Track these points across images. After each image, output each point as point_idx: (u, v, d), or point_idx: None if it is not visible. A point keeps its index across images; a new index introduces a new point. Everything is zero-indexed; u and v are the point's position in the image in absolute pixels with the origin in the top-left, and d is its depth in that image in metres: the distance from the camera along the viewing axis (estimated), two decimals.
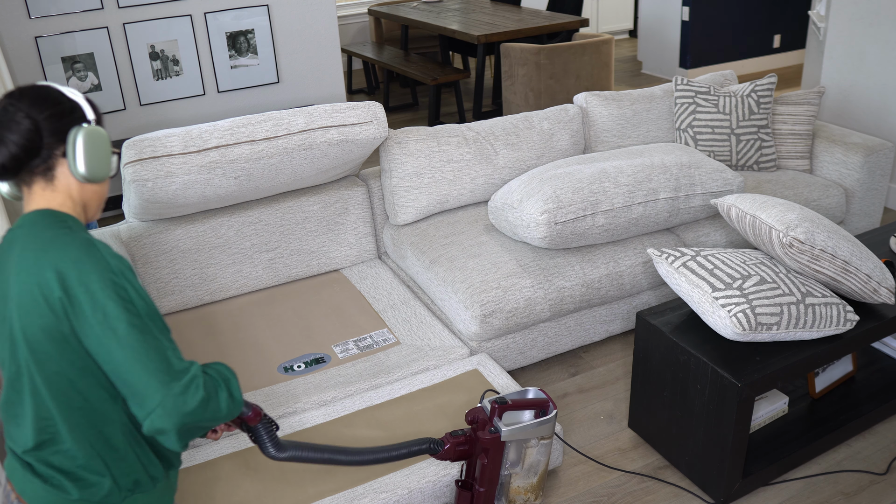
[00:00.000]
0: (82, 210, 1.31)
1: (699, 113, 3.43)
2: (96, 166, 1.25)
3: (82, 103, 1.28)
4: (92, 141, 1.24)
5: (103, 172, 1.27)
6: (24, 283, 1.19)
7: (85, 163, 1.24)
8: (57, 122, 1.24)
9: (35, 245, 1.20)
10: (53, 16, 4.10)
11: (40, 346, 1.20)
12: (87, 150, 1.24)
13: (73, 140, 1.24)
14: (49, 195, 1.27)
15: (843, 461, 2.47)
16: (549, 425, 1.98)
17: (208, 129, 2.54)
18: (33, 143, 1.21)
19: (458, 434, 1.93)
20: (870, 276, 2.30)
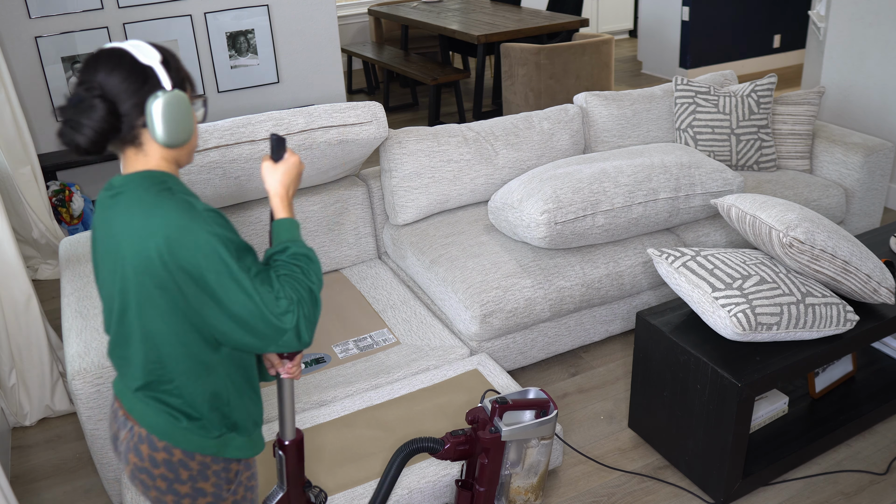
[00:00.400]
0: (175, 165, 1.38)
1: (699, 113, 3.43)
2: (176, 132, 1.30)
3: (157, 68, 1.30)
4: (168, 109, 1.28)
5: (185, 136, 1.32)
6: (136, 246, 1.27)
7: (164, 131, 1.28)
8: (132, 98, 1.27)
9: (141, 210, 1.27)
10: (53, 16, 4.10)
11: (151, 302, 1.29)
12: (164, 120, 1.28)
13: (149, 112, 1.27)
14: (143, 159, 1.33)
15: (843, 461, 2.47)
16: (550, 425, 1.98)
17: (208, 129, 2.54)
18: (111, 123, 1.27)
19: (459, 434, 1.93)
20: (870, 276, 2.31)
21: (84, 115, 1.25)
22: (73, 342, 2.12)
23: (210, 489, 1.40)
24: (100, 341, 2.11)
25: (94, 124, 1.25)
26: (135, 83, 1.28)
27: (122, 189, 1.32)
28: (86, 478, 2.52)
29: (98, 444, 2.12)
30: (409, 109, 6.38)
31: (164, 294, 1.28)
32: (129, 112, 1.28)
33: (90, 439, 2.12)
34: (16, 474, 2.56)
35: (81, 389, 2.02)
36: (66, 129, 1.27)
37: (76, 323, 2.21)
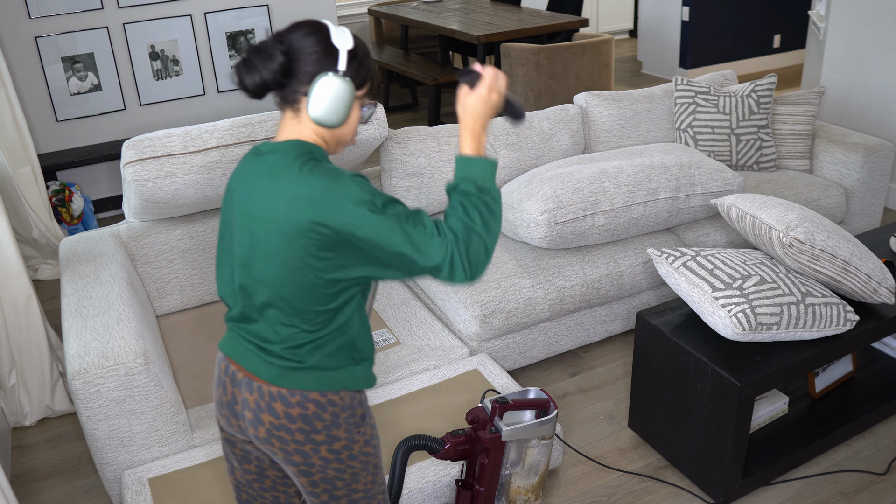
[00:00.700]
0: (324, 142, 1.45)
1: (699, 113, 3.43)
2: (327, 112, 1.38)
3: (342, 53, 1.38)
4: (330, 89, 1.36)
5: (333, 120, 1.39)
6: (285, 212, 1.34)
7: (317, 107, 1.37)
8: (307, 67, 1.37)
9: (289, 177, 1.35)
10: (53, 16, 4.10)
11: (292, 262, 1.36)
12: (322, 97, 1.37)
13: (314, 84, 1.37)
14: (297, 126, 1.43)
15: (843, 461, 2.47)
16: (550, 425, 1.98)
17: (208, 129, 2.54)
18: (278, 78, 1.37)
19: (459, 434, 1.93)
20: (870, 276, 2.30)
21: (261, 61, 1.36)
22: (73, 342, 2.12)
23: (343, 434, 1.46)
24: (100, 341, 2.11)
25: (265, 72, 1.36)
26: (318, 54, 1.37)
27: (270, 153, 1.41)
28: (86, 478, 2.52)
29: (98, 444, 2.12)
30: (409, 109, 6.38)
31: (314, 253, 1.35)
32: (301, 76, 1.37)
33: (90, 439, 2.12)
34: (16, 474, 2.56)
35: (81, 389, 2.02)
36: (241, 66, 1.38)
37: (76, 323, 2.21)
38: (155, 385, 2.11)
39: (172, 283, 2.81)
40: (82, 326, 2.18)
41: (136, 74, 4.41)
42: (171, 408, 2.17)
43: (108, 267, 2.51)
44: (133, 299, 2.35)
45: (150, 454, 2.19)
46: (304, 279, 1.38)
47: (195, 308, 2.89)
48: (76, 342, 2.12)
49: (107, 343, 2.10)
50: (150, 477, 2.12)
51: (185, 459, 2.18)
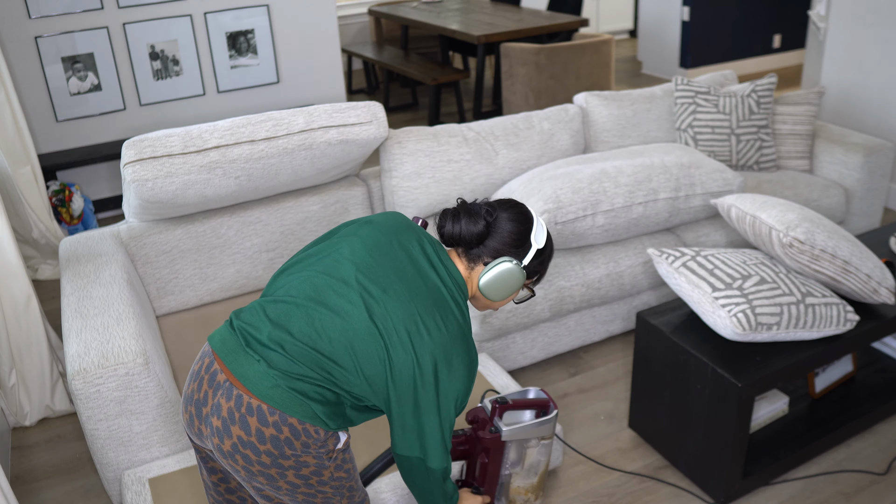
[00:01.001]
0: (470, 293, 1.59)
1: (699, 113, 3.43)
2: (492, 290, 1.54)
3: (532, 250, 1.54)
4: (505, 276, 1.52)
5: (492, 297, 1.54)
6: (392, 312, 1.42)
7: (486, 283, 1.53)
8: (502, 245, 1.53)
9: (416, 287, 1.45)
10: (53, 16, 4.10)
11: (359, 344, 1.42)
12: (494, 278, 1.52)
13: (495, 262, 1.52)
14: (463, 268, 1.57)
15: (843, 461, 2.47)
16: (550, 425, 1.98)
17: (208, 129, 2.54)
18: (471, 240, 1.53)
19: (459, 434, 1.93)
20: (870, 276, 2.30)
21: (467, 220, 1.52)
22: (73, 342, 2.12)
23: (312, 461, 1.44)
24: (100, 341, 2.11)
25: (463, 230, 1.52)
26: (513, 241, 1.53)
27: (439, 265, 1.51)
28: (86, 478, 2.52)
29: (98, 444, 2.12)
30: (409, 109, 6.38)
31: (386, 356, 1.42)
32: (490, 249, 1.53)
33: (90, 439, 2.12)
34: (16, 474, 2.56)
35: (81, 389, 2.02)
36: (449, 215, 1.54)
37: (76, 323, 2.21)
38: (155, 385, 2.11)
39: (172, 283, 2.81)
40: (82, 326, 2.18)
41: (136, 74, 4.41)
42: (171, 408, 2.17)
43: (108, 267, 2.51)
44: (133, 299, 2.35)
45: (150, 454, 2.19)
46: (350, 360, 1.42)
47: (195, 308, 2.89)
48: (76, 342, 2.12)
49: (107, 343, 2.10)
50: (150, 477, 2.12)
51: (185, 459, 2.18)
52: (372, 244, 1.49)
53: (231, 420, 1.38)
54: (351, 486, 1.53)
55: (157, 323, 2.73)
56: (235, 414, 1.37)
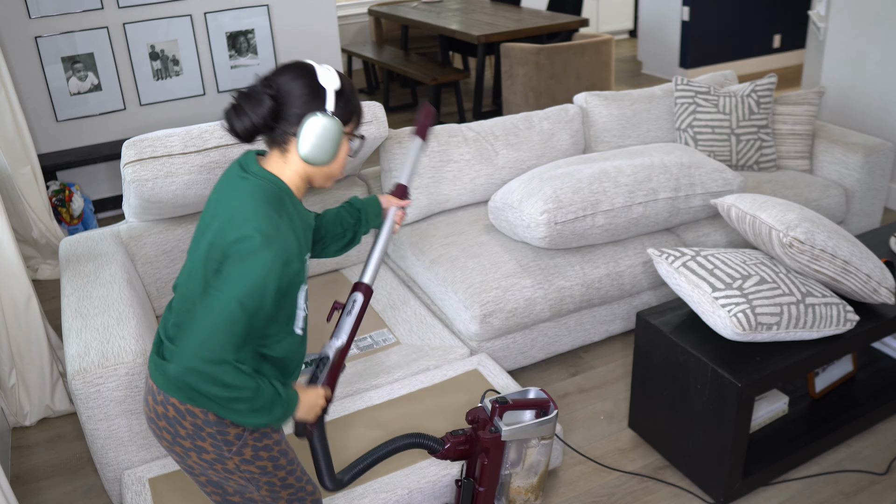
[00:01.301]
0: (304, 182, 1.51)
1: (699, 113, 3.43)
2: (318, 152, 1.43)
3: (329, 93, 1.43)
4: (319, 130, 1.42)
5: (323, 158, 1.45)
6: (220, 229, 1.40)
7: (308, 147, 1.42)
8: (296, 109, 1.42)
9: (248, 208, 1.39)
10: (53, 16, 4.10)
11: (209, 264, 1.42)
12: (312, 137, 1.42)
13: (303, 125, 1.42)
14: (281, 163, 1.48)
15: (843, 461, 2.47)
16: (550, 425, 1.98)
17: (208, 129, 2.54)
18: (267, 122, 1.42)
19: (459, 433, 1.93)
20: (870, 276, 2.30)
21: (250, 106, 1.41)
22: (73, 342, 2.12)
23: (210, 448, 1.46)
24: (100, 341, 2.11)
25: (254, 117, 1.41)
26: (306, 96, 1.42)
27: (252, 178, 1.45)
28: (86, 478, 2.52)
29: (98, 444, 2.12)
30: (409, 109, 6.38)
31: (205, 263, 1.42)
32: (289, 118, 1.42)
33: (90, 439, 2.12)
34: (16, 474, 2.56)
35: (81, 389, 2.02)
36: (231, 112, 1.43)
37: (76, 323, 2.21)
38: None
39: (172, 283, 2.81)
40: (82, 326, 2.18)
41: (136, 74, 4.41)
42: None
43: (108, 267, 2.51)
44: (133, 299, 2.35)
45: (150, 454, 2.19)
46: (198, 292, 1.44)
47: None
48: (76, 342, 2.12)
49: (107, 343, 2.10)
50: (150, 477, 2.12)
51: None
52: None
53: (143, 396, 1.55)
54: (270, 481, 1.53)
55: (157, 323, 2.73)
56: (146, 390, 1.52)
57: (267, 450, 1.51)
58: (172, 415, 1.45)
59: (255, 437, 1.49)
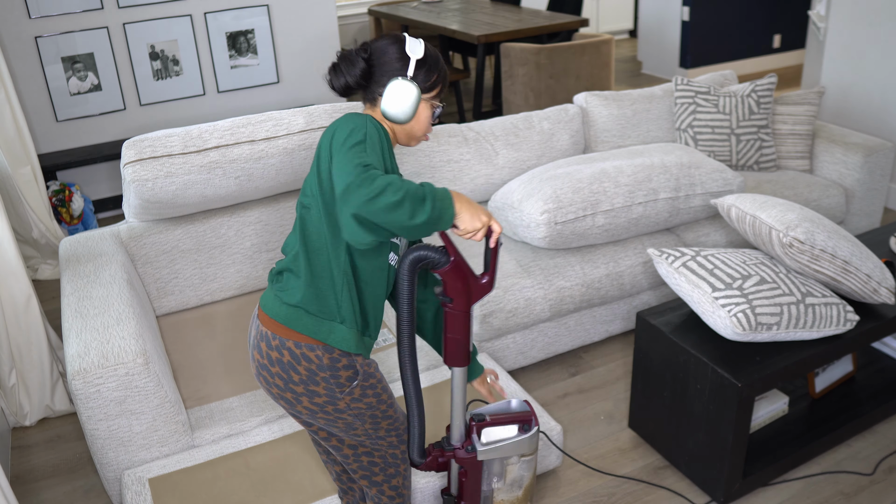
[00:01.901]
0: (392, 132, 1.69)
1: (699, 113, 3.43)
2: (395, 111, 1.62)
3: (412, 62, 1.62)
4: (398, 92, 1.61)
5: (400, 117, 1.63)
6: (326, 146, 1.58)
7: (386, 105, 1.62)
8: (386, 72, 1.62)
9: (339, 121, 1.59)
10: (53, 16, 4.10)
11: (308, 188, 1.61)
12: (391, 97, 1.61)
13: (386, 86, 1.62)
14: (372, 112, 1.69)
15: (843, 461, 2.47)
16: (530, 442, 1.90)
17: (208, 129, 2.54)
18: (360, 81, 1.64)
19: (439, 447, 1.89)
20: (870, 276, 2.30)
21: (346, 66, 1.63)
22: (73, 342, 2.12)
23: (323, 391, 1.58)
24: (100, 341, 2.11)
25: (349, 76, 1.63)
26: (394, 62, 1.62)
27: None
28: (86, 478, 2.52)
29: (98, 444, 2.12)
30: None
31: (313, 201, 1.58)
32: (379, 80, 1.63)
33: (90, 439, 2.12)
34: (16, 474, 2.56)
35: (81, 389, 2.02)
36: (332, 70, 1.65)
37: (76, 323, 2.21)
38: (155, 385, 2.11)
39: (172, 283, 2.81)
40: (82, 326, 2.18)
41: (136, 74, 4.41)
42: (171, 408, 2.17)
43: (108, 267, 2.51)
44: (133, 299, 2.35)
45: (150, 454, 2.19)
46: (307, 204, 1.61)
47: (195, 308, 2.89)
48: (76, 342, 2.12)
49: (107, 343, 2.10)
50: (150, 477, 2.12)
51: (185, 459, 2.18)
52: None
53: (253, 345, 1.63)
54: (373, 414, 1.65)
55: (157, 323, 2.73)
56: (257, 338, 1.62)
57: (372, 388, 1.63)
58: (287, 360, 1.56)
59: (362, 374, 1.61)
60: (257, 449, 2.21)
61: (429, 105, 1.67)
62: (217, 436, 2.28)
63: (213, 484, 2.10)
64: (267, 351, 1.59)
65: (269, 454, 2.19)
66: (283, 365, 1.57)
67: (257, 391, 2.43)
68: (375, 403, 1.65)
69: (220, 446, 2.22)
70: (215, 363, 2.56)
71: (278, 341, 1.57)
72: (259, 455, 2.19)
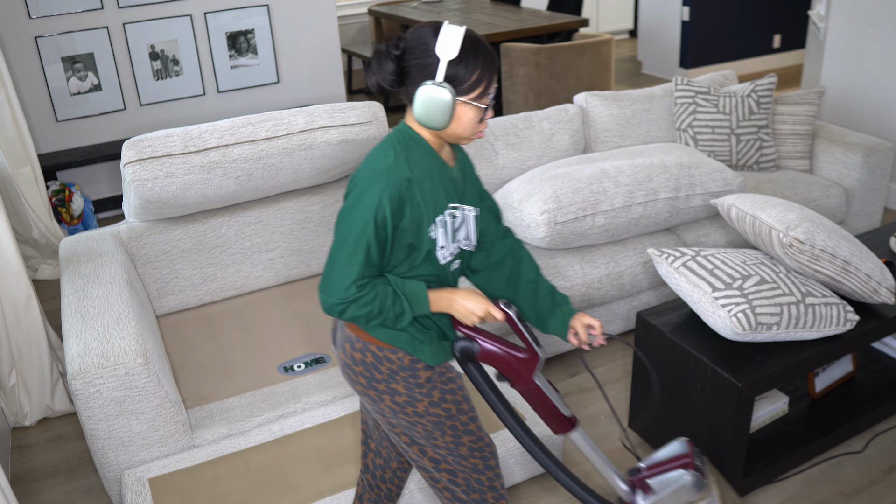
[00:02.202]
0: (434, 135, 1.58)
1: (699, 113, 3.43)
2: (425, 118, 1.50)
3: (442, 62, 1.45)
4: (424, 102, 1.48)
5: (433, 124, 1.50)
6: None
7: (418, 113, 1.50)
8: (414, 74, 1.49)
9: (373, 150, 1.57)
10: (53, 16, 4.10)
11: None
12: (419, 105, 1.49)
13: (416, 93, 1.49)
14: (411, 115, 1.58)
15: (843, 461, 2.47)
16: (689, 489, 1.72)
17: (208, 129, 2.54)
18: (391, 83, 1.52)
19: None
20: (870, 276, 2.30)
21: (377, 65, 1.51)
22: (73, 342, 2.12)
23: (403, 391, 1.61)
24: (100, 341, 2.11)
25: (379, 76, 1.51)
26: (425, 62, 1.47)
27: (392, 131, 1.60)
28: (86, 478, 2.52)
29: (98, 444, 2.12)
30: None
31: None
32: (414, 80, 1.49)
33: (90, 439, 2.12)
34: (16, 474, 2.56)
35: (81, 389, 2.02)
36: (366, 69, 1.54)
37: (76, 323, 2.21)
38: (155, 385, 2.11)
39: (172, 283, 2.81)
40: (82, 326, 2.18)
41: (136, 74, 4.41)
42: (171, 408, 2.17)
43: (108, 267, 2.51)
44: (133, 299, 2.35)
45: (150, 454, 2.19)
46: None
47: (195, 308, 2.89)
48: (76, 342, 2.12)
49: (107, 343, 2.10)
50: (150, 477, 2.12)
51: (185, 459, 2.18)
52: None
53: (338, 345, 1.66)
54: (454, 425, 1.64)
55: (157, 323, 2.72)
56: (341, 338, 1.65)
57: (451, 393, 1.64)
58: (370, 361, 1.60)
59: (442, 379, 1.63)
60: (257, 449, 2.21)
61: (470, 106, 1.50)
62: (217, 436, 2.28)
63: (213, 484, 2.10)
64: (351, 352, 1.63)
65: (269, 454, 2.19)
66: (367, 365, 1.61)
67: (257, 391, 2.43)
68: (455, 412, 1.65)
69: (220, 446, 2.22)
70: (215, 363, 2.56)
71: (361, 344, 1.61)
72: (259, 455, 2.19)
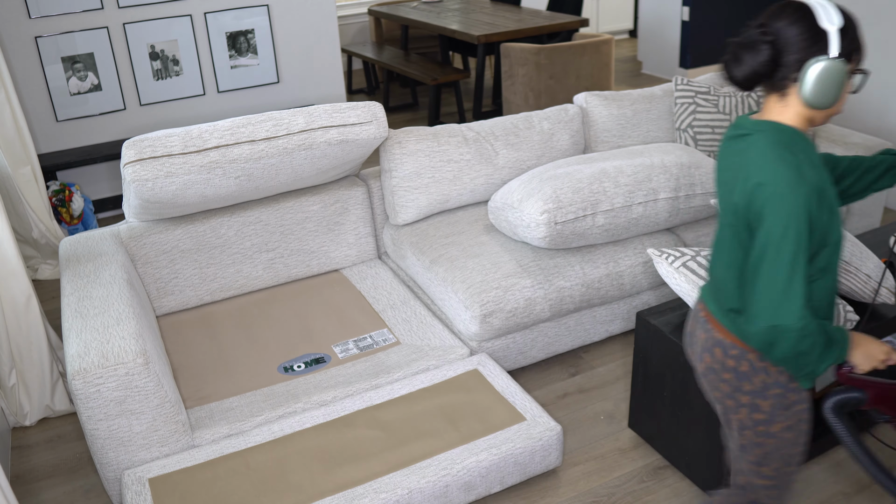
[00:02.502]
0: (808, 122, 1.49)
1: (699, 113, 3.43)
2: (822, 96, 1.40)
3: (832, 35, 1.39)
4: (823, 76, 1.38)
5: (828, 102, 1.41)
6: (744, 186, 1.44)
7: (812, 93, 1.40)
8: (798, 53, 1.40)
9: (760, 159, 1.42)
10: (53, 16, 4.10)
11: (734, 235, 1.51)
12: (815, 83, 1.39)
13: (805, 72, 1.39)
14: (780, 108, 1.48)
15: (843, 461, 2.47)
16: None
17: (208, 129, 2.54)
18: (767, 69, 1.42)
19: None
20: (870, 276, 2.31)
21: (748, 54, 1.42)
22: (73, 342, 2.12)
23: (766, 408, 1.55)
24: (100, 341, 2.11)
25: (753, 64, 1.42)
26: (806, 41, 1.39)
27: (751, 132, 1.48)
28: (86, 478, 2.52)
29: (98, 443, 2.12)
30: (409, 109, 6.38)
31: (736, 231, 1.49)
32: (789, 65, 1.41)
33: (90, 439, 2.12)
34: (16, 474, 2.56)
35: (81, 389, 2.02)
36: (729, 59, 1.46)
37: (76, 323, 2.21)
38: (155, 385, 2.11)
39: (172, 283, 2.81)
40: (82, 326, 2.18)
41: (136, 74, 4.41)
42: (171, 408, 2.17)
43: (108, 267, 2.51)
44: (133, 299, 2.35)
45: (150, 454, 2.19)
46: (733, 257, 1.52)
47: (195, 308, 2.89)
48: (76, 342, 2.12)
49: (107, 343, 2.10)
50: (150, 477, 2.12)
51: (185, 459, 2.18)
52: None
53: (704, 349, 1.62)
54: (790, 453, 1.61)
55: (157, 323, 2.73)
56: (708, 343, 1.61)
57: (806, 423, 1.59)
58: (744, 370, 1.54)
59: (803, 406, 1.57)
60: (257, 449, 2.21)
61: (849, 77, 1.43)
62: (217, 436, 2.28)
63: (213, 484, 2.10)
64: (723, 357, 1.57)
65: (269, 454, 2.19)
66: (738, 374, 1.55)
67: (257, 391, 2.43)
68: (794, 438, 1.60)
69: (220, 446, 2.22)
70: (215, 363, 2.57)
71: (738, 351, 1.55)
72: (259, 455, 2.19)
